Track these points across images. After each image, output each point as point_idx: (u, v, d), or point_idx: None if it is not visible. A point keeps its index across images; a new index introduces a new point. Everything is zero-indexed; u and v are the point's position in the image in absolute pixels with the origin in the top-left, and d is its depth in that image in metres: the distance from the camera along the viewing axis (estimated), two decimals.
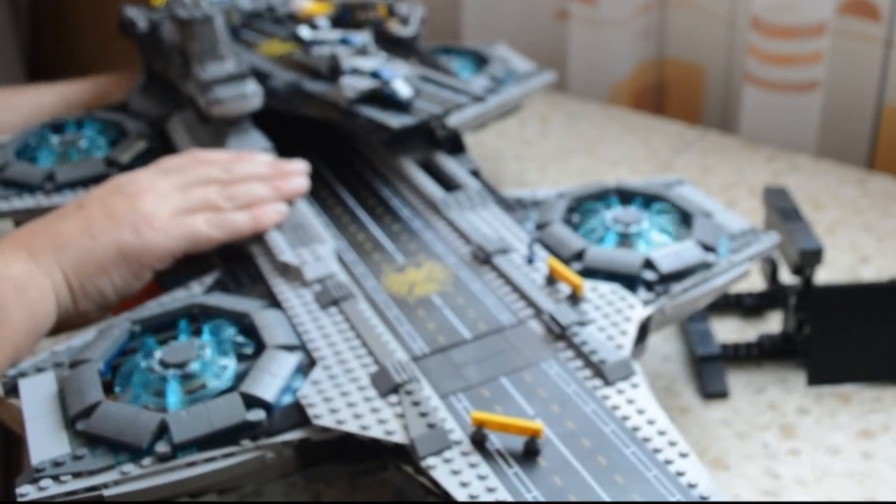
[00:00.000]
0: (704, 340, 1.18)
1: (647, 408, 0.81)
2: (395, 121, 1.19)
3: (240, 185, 1.09)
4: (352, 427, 0.80)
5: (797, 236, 1.11)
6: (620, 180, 1.14)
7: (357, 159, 1.31)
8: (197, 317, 0.95)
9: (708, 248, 1.02)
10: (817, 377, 1.13)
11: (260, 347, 0.89)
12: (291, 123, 1.30)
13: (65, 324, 1.00)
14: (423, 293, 0.99)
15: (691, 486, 0.74)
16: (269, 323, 0.92)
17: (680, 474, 0.75)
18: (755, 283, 1.28)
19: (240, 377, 0.86)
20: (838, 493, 1.00)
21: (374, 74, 1.24)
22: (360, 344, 0.90)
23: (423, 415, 0.80)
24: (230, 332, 0.92)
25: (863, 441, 1.06)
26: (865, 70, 1.63)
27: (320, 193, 1.22)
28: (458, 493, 0.74)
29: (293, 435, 0.81)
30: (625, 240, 1.04)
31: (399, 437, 0.79)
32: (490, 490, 0.74)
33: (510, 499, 0.73)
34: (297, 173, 1.14)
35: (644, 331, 0.95)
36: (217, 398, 0.83)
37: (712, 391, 1.13)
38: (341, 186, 1.25)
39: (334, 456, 0.84)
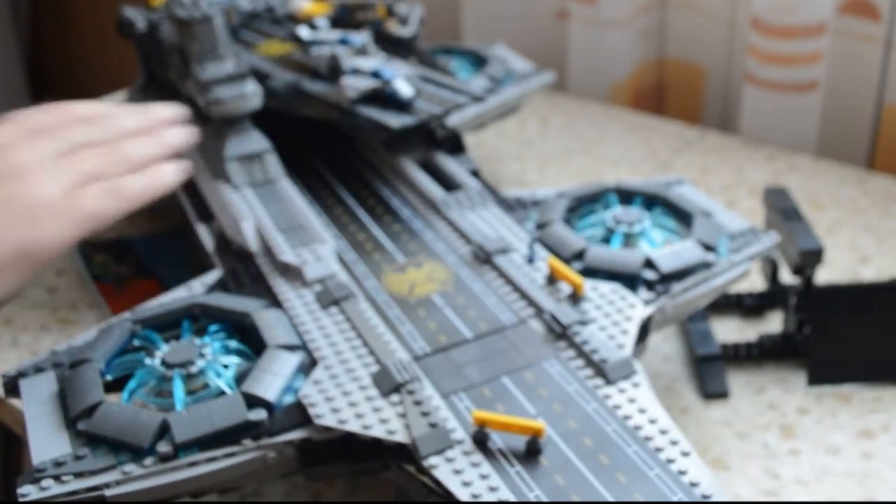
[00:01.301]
0: (705, 340, 1.19)
1: (649, 407, 0.82)
2: (395, 121, 1.20)
3: (124, 145, 0.95)
4: (353, 426, 0.80)
5: (797, 236, 1.12)
6: (620, 180, 1.15)
7: (357, 159, 1.31)
8: (198, 316, 0.95)
9: (708, 248, 1.02)
10: (817, 377, 1.14)
11: (261, 347, 0.90)
12: (291, 123, 1.30)
13: None
14: (423, 293, 0.99)
15: (693, 484, 0.75)
16: (270, 323, 0.92)
17: (682, 473, 0.76)
18: (755, 282, 1.29)
19: (241, 377, 0.87)
20: (838, 493, 1.00)
21: (375, 74, 1.25)
22: (361, 344, 0.90)
23: (425, 414, 0.80)
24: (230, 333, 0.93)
25: (863, 441, 1.06)
26: (865, 70, 1.64)
27: (320, 193, 1.23)
28: (461, 493, 0.74)
29: (295, 434, 0.81)
30: (626, 239, 1.05)
31: (401, 437, 0.79)
32: (492, 489, 0.74)
33: (512, 498, 0.74)
34: (173, 121, 1.01)
35: (645, 330, 0.96)
36: (218, 398, 0.83)
37: (712, 391, 1.14)
38: (341, 186, 1.25)
39: (336, 455, 0.84)
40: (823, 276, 1.32)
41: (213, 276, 1.04)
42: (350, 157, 1.32)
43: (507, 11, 2.04)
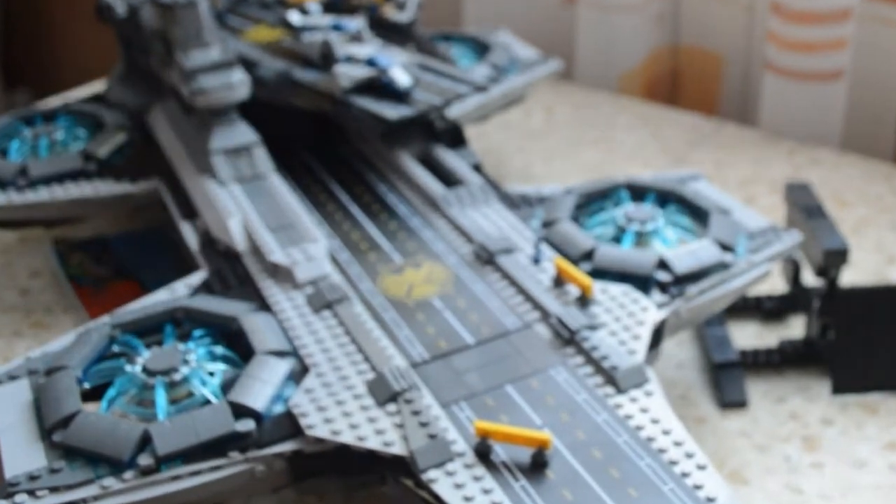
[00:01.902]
0: (722, 346, 1.19)
1: (662, 417, 0.82)
2: (392, 112, 1.20)
3: None
4: (347, 438, 0.80)
5: (821, 235, 1.12)
6: (631, 175, 1.15)
7: (351, 153, 1.31)
8: (181, 321, 0.96)
9: (725, 248, 1.02)
10: (842, 385, 1.14)
11: (249, 353, 0.90)
12: (281, 115, 1.30)
13: None
14: (422, 295, 1.00)
15: (710, 500, 0.75)
16: (258, 327, 0.92)
17: (697, 488, 0.76)
18: (776, 284, 1.29)
19: (228, 385, 0.87)
20: None
21: (370, 62, 1.25)
22: (355, 350, 0.90)
23: (424, 425, 0.80)
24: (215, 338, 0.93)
25: (890, 453, 1.07)
26: (894, 58, 1.64)
27: (312, 189, 1.23)
28: None
29: (285, 446, 0.82)
30: (638, 238, 1.05)
31: (398, 449, 0.79)
32: None
33: None
34: None
35: (658, 335, 0.96)
36: (203, 407, 0.83)
37: (730, 400, 1.14)
38: (334, 182, 1.25)
39: (329, 468, 0.84)
40: (848, 277, 1.32)
41: (197, 277, 1.04)
42: (344, 150, 1.32)
43: None
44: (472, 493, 0.75)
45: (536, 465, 0.78)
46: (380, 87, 1.24)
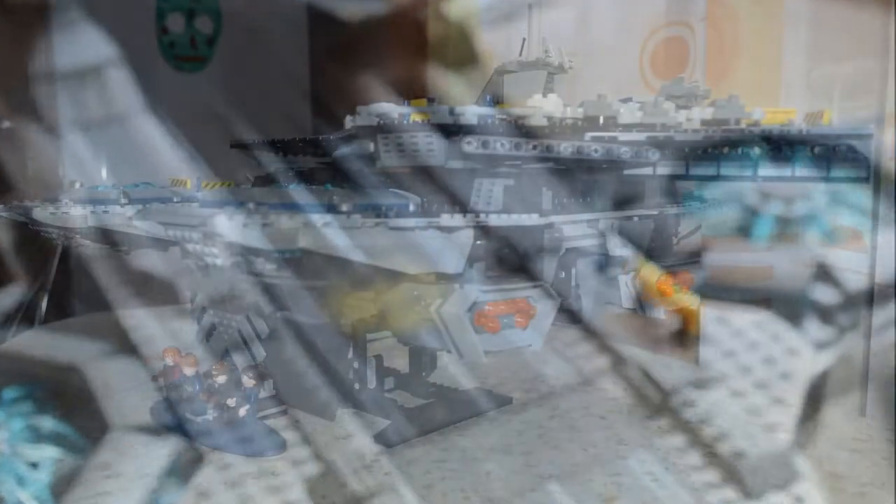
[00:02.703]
0: None
1: None
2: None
3: None
4: None
5: None
6: (764, 119, 1.15)
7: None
8: None
9: None
10: None
11: (99, 429, 0.91)
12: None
13: None
14: (403, 323, 1.01)
15: None
16: (116, 385, 0.93)
17: None
18: None
19: (62, 484, 0.89)
20: None
21: None
22: (286, 421, 0.92)
23: None
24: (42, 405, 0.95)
25: None
26: None
27: (212, 144, 1.23)
28: None
29: None
30: (781, 228, 1.07)
31: None
32: None
33: None
34: None
35: (816, 397, 0.97)
36: None
37: None
38: (257, 133, 1.25)
39: None
40: None
41: (11, 294, 1.06)
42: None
43: None
44: None
45: None
46: None
